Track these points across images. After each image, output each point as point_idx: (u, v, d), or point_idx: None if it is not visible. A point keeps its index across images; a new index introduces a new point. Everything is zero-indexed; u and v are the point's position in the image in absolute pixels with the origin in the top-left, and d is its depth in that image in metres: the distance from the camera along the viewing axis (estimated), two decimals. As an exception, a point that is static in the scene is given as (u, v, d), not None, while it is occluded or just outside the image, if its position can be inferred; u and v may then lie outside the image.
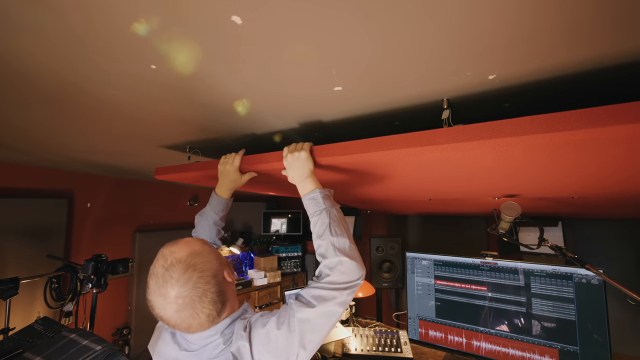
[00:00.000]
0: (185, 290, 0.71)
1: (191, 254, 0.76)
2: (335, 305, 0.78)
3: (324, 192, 0.90)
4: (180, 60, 0.67)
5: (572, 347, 1.72)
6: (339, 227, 0.86)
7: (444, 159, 0.79)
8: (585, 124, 0.56)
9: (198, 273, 0.74)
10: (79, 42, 0.60)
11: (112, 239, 2.83)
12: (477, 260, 2.04)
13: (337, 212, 0.88)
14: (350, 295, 0.81)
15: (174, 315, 0.73)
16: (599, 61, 0.62)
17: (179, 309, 0.72)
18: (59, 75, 0.75)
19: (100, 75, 0.75)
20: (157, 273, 0.74)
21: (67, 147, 1.62)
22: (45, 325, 1.78)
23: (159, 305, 0.73)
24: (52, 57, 0.67)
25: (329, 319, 0.78)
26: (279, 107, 0.93)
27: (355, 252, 0.84)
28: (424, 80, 0.72)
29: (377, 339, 2.10)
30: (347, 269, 0.81)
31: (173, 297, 0.71)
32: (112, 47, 0.62)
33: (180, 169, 1.31)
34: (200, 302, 0.73)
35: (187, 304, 0.72)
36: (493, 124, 0.64)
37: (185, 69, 0.71)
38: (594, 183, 1.14)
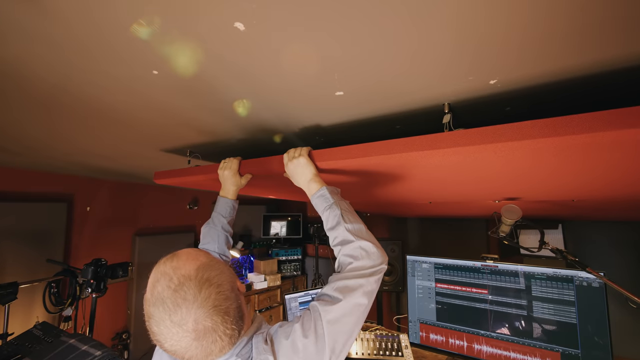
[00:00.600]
0: (206, 312, 0.59)
1: (200, 267, 0.63)
2: (362, 295, 0.72)
3: (331, 189, 0.89)
4: (182, 66, 0.67)
5: (573, 350, 1.71)
6: (352, 215, 0.84)
7: (445, 163, 0.79)
8: (586, 129, 0.56)
9: (215, 289, 0.61)
10: (82, 47, 0.61)
11: (111, 243, 2.82)
12: (478, 263, 2.03)
13: (347, 204, 0.87)
14: (377, 283, 0.76)
15: (192, 345, 0.59)
16: (601, 65, 0.62)
17: (199, 336, 0.59)
18: (58, 79, 0.75)
19: (102, 80, 0.75)
20: (162, 297, 0.61)
21: (66, 152, 1.62)
22: (44, 331, 1.77)
23: (173, 336, 0.59)
24: (55, 62, 0.67)
25: (357, 314, 0.71)
26: (280, 111, 0.93)
27: (373, 238, 0.81)
28: (426, 86, 0.72)
29: (377, 342, 2.09)
30: (369, 252, 0.78)
31: (192, 323, 0.58)
32: (117, 51, 0.62)
33: (180, 173, 1.31)
34: (223, 323, 0.61)
35: (209, 328, 0.59)
36: (494, 128, 0.65)
37: (187, 74, 0.71)
38: (595, 187, 1.14)
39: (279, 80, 0.73)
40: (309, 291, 2.33)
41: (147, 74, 0.71)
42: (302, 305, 2.27)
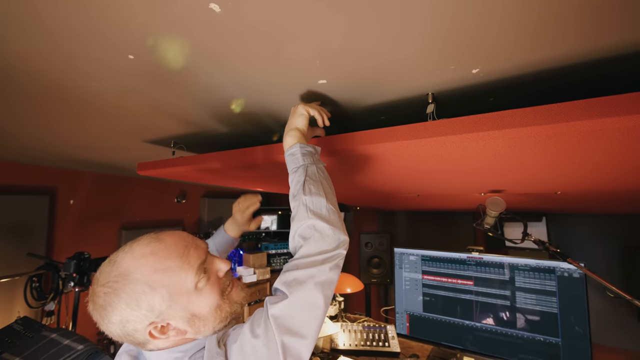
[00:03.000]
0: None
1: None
2: (313, 289, 0.61)
3: (306, 148, 0.76)
4: (157, 50, 0.65)
5: (554, 339, 1.76)
6: (316, 185, 0.71)
7: (429, 153, 0.79)
8: (565, 117, 0.57)
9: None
10: (51, 30, 0.58)
11: (96, 237, 2.77)
12: (464, 255, 2.06)
13: (318, 170, 0.75)
14: (332, 271, 0.64)
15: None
16: (582, 56, 0.62)
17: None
18: (35, 67, 0.72)
19: (76, 66, 0.72)
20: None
21: (45, 142, 1.57)
22: (25, 325, 1.73)
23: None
24: (29, 48, 0.64)
25: (310, 309, 0.60)
26: (262, 100, 0.91)
27: (334, 216, 0.69)
28: (409, 74, 0.71)
29: (365, 333, 2.11)
30: (323, 233, 0.66)
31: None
32: (86, 35, 0.59)
33: (164, 164, 1.28)
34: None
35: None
36: (476, 118, 0.65)
37: (163, 59, 0.68)
38: (576, 178, 1.16)
39: (259, 66, 0.71)
40: (297, 284, 2.33)
41: (122, 58, 0.68)
42: (290, 298, 2.27)
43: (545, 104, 0.59)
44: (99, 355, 1.40)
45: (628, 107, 0.52)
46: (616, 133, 0.58)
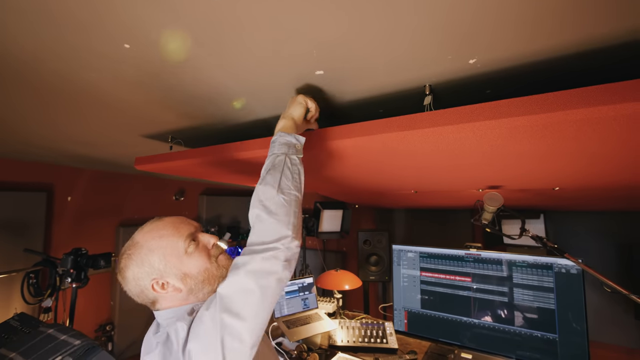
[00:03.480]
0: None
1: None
2: (244, 275, 0.64)
3: (285, 137, 0.78)
4: (155, 39, 0.64)
5: (551, 335, 1.76)
6: (274, 176, 0.72)
7: (426, 144, 0.79)
8: (561, 106, 0.57)
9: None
10: (51, 17, 0.57)
11: (94, 234, 2.76)
12: (462, 251, 2.06)
13: (287, 161, 0.75)
14: (266, 262, 0.65)
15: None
16: (580, 45, 0.62)
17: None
18: (35, 56, 0.72)
19: (79, 56, 0.72)
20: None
21: (46, 138, 1.56)
22: (22, 322, 1.73)
23: None
24: (36, 40, 0.64)
25: (243, 294, 0.63)
26: (260, 92, 0.91)
27: (280, 209, 0.69)
28: (406, 64, 0.71)
29: (363, 330, 2.11)
30: (263, 224, 0.68)
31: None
32: (84, 22, 0.59)
33: (162, 158, 1.28)
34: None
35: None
36: (472, 107, 0.65)
37: (161, 49, 0.68)
38: (573, 172, 1.16)
39: (256, 56, 0.71)
40: (295, 280, 2.33)
41: (119, 48, 0.68)
42: (288, 295, 2.27)
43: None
44: (95, 350, 1.39)
45: (624, 94, 0.52)
46: (612, 121, 0.58)
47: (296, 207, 0.72)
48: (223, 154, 1.09)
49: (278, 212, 0.69)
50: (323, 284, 2.35)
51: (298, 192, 0.74)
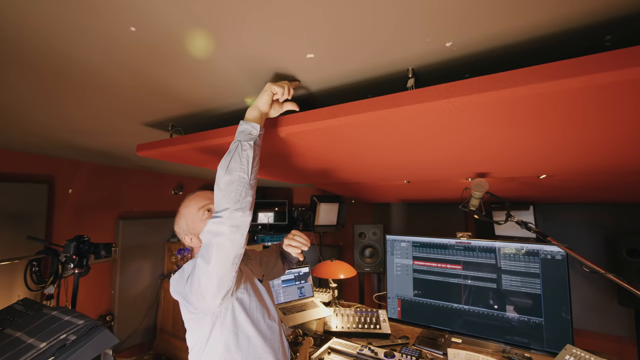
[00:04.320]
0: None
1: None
2: (206, 232, 0.87)
3: (242, 126, 0.91)
4: (157, 21, 0.71)
5: (537, 319, 1.83)
6: (226, 159, 0.88)
7: (409, 122, 0.85)
8: (525, 81, 0.63)
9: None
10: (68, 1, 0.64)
11: (94, 225, 2.82)
12: (452, 240, 2.13)
13: (239, 145, 0.88)
14: (214, 225, 0.86)
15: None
16: (556, 25, 0.69)
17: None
18: (40, 35, 0.78)
19: (86, 38, 0.78)
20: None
21: (44, 125, 1.62)
22: (26, 305, 1.78)
23: None
24: (45, 19, 0.70)
25: (207, 246, 0.87)
26: (256, 77, 0.97)
27: (227, 187, 0.86)
28: (389, 46, 0.77)
29: (357, 317, 2.18)
30: (216, 199, 0.88)
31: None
32: (93, 1, 0.65)
33: (163, 143, 1.34)
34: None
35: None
36: (447, 85, 0.71)
37: (165, 32, 0.74)
38: (553, 158, 1.23)
39: (253, 39, 0.77)
40: (291, 270, 2.39)
41: (124, 30, 0.74)
42: (284, 283, 2.33)
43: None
44: (98, 329, 1.45)
45: (586, 67, 0.58)
46: (572, 95, 0.64)
47: (240, 186, 0.87)
48: (219, 138, 1.15)
49: (224, 189, 0.87)
50: (319, 273, 2.41)
51: (244, 173, 0.87)
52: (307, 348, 1.91)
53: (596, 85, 0.60)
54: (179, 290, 1.01)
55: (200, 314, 0.98)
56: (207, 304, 0.93)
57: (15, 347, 1.38)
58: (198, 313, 0.98)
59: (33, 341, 1.41)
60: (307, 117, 0.92)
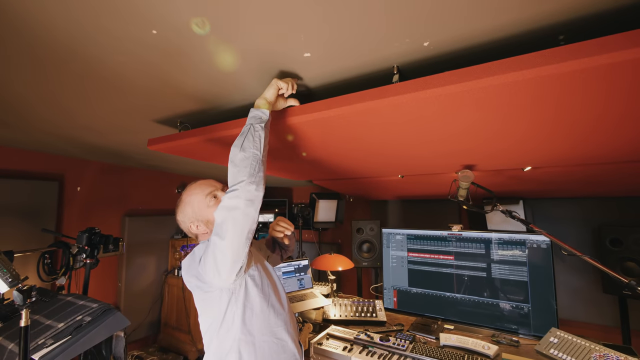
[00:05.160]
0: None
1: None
2: (221, 209, 0.93)
3: (253, 112, 1.02)
4: (179, 26, 0.83)
5: (525, 305, 1.94)
6: (240, 139, 0.98)
7: (396, 113, 0.97)
8: (491, 73, 0.75)
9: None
10: (94, 5, 0.75)
11: (102, 222, 2.92)
12: (445, 232, 2.24)
13: (251, 127, 0.99)
14: (230, 200, 0.93)
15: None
16: (528, 23, 0.80)
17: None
18: (64, 32, 0.90)
19: (104, 39, 0.90)
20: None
21: (58, 124, 1.74)
22: (40, 293, 1.88)
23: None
24: (62, 17, 0.81)
25: (222, 222, 0.93)
26: (260, 74, 1.09)
27: (241, 162, 0.95)
28: (374, 46, 0.89)
29: (354, 307, 2.28)
30: (230, 174, 0.96)
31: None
32: (117, 6, 0.77)
33: (174, 137, 1.45)
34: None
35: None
36: (425, 78, 0.83)
37: (182, 35, 0.86)
38: (537, 147, 1.34)
39: (257, 40, 0.89)
40: (291, 262, 2.50)
41: (146, 33, 0.86)
42: (284, 275, 2.43)
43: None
44: (112, 312, 1.55)
45: (550, 58, 0.70)
46: (538, 82, 0.76)
47: (254, 161, 0.96)
48: (225, 131, 1.27)
49: (239, 165, 0.96)
50: (318, 265, 2.52)
51: (257, 150, 0.98)
52: (306, 333, 2.01)
53: (552, 74, 0.72)
54: (192, 273, 1.04)
55: (216, 292, 1.01)
56: (222, 280, 0.97)
57: (35, 327, 1.48)
58: (213, 291, 1.01)
59: (51, 322, 1.51)
60: (304, 109, 1.04)
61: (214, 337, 1.02)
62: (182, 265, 1.11)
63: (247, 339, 1.00)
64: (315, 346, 1.87)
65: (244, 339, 1.00)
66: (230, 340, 1.00)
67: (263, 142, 0.99)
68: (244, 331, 1.00)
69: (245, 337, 1.00)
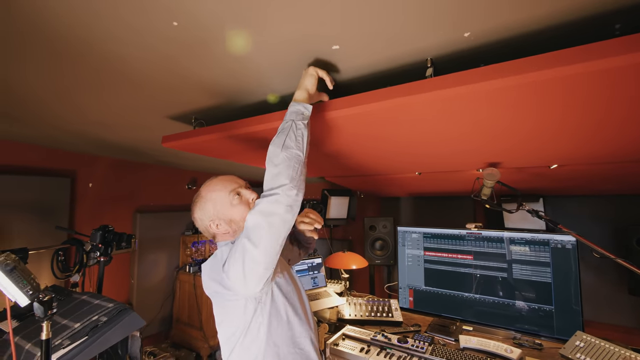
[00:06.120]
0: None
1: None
2: (257, 213, 0.85)
3: (295, 106, 0.92)
4: (199, 19, 0.77)
5: (548, 307, 1.87)
6: (280, 137, 0.89)
7: (428, 109, 0.91)
8: (539, 67, 0.68)
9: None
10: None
11: (113, 218, 2.91)
12: (463, 231, 2.18)
13: (293, 124, 0.90)
14: (269, 205, 0.84)
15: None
16: (563, 15, 0.74)
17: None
18: (80, 28, 0.85)
19: (122, 33, 0.85)
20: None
21: (71, 120, 1.71)
22: (55, 292, 1.88)
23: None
24: (79, 7, 0.77)
25: (257, 228, 0.84)
26: (284, 66, 1.04)
27: (282, 163, 0.86)
28: (409, 37, 0.83)
29: (369, 306, 2.23)
30: (269, 176, 0.87)
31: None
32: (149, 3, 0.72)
33: (188, 135, 1.41)
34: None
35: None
36: (466, 72, 0.77)
37: (201, 28, 0.81)
38: (565, 145, 1.27)
39: (283, 32, 0.83)
40: (304, 260, 2.46)
41: (166, 25, 0.81)
42: (298, 273, 2.40)
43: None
44: (127, 312, 1.53)
45: (599, 53, 0.64)
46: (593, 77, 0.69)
47: (296, 163, 0.88)
48: (244, 128, 1.22)
49: (279, 166, 0.87)
50: (331, 263, 2.48)
51: (299, 151, 0.89)
52: (322, 334, 1.98)
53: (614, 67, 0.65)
54: (214, 277, 0.96)
55: (241, 300, 0.92)
56: (249, 289, 0.89)
57: (51, 327, 1.46)
58: (238, 300, 0.92)
59: (67, 322, 1.50)
60: (332, 105, 0.99)
61: (236, 347, 0.94)
62: (202, 268, 1.04)
63: (272, 351, 0.93)
64: (332, 347, 1.83)
65: (269, 351, 0.93)
66: (255, 351, 0.92)
67: (306, 142, 0.90)
68: (269, 342, 0.93)
69: (270, 349, 0.93)
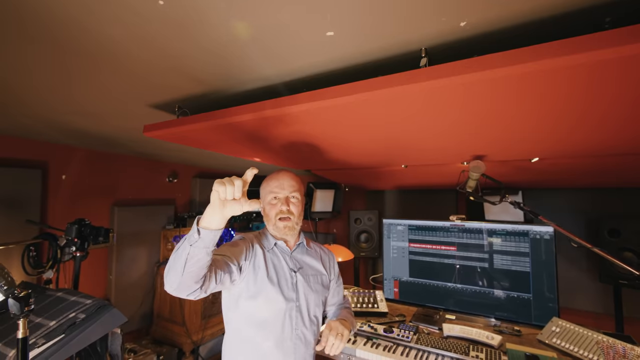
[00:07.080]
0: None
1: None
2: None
3: (183, 237, 0.92)
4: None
5: (526, 295, 1.95)
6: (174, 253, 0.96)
7: (422, 98, 0.91)
8: (535, 57, 0.69)
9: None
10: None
11: (89, 212, 2.78)
12: (447, 223, 2.22)
13: (179, 247, 0.93)
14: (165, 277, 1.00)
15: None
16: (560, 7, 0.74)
17: None
18: (65, 9, 0.79)
19: (104, 7, 0.79)
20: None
21: (51, 108, 1.60)
22: (27, 288, 1.77)
23: None
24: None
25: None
26: (272, 53, 1.00)
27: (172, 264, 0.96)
28: (403, 26, 0.82)
29: (355, 297, 2.25)
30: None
31: None
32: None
33: (170, 124, 1.35)
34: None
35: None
36: (462, 62, 0.76)
37: (189, 7, 0.77)
38: (545, 138, 1.31)
39: (274, 15, 0.80)
40: (291, 253, 2.44)
41: (153, 4, 0.76)
42: (284, 266, 2.38)
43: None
44: (107, 308, 1.47)
45: (588, 45, 0.64)
46: (575, 70, 0.70)
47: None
48: (229, 118, 1.18)
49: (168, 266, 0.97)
50: (317, 256, 2.47)
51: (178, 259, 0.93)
52: (309, 326, 1.97)
53: (600, 60, 0.66)
54: None
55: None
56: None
57: (24, 325, 1.38)
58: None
59: (41, 320, 1.41)
60: (315, 95, 0.97)
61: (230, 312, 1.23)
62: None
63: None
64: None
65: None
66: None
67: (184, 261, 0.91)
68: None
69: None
